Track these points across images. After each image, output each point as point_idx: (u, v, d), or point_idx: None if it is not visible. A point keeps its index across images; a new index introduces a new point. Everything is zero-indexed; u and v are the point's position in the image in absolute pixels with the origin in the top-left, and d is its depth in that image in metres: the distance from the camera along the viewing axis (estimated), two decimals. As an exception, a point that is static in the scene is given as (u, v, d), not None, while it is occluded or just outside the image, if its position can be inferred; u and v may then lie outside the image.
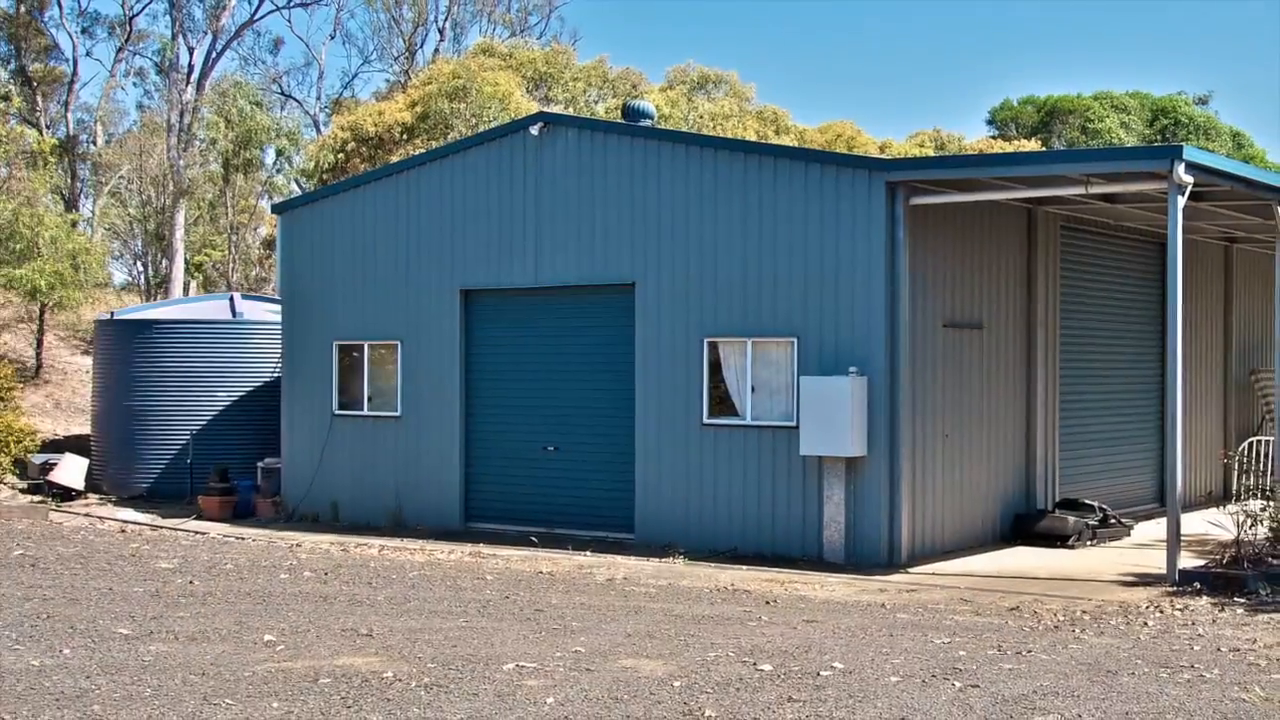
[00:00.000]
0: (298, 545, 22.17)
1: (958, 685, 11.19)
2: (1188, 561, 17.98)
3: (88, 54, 59.19)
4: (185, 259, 53.21)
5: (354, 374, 25.41)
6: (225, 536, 23.56)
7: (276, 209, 28.06)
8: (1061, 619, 15.14)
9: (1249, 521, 17.94)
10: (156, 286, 54.27)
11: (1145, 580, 17.86)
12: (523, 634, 13.63)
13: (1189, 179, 17.50)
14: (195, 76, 54.98)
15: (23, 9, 55.40)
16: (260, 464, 27.37)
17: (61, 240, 36.01)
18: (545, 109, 41.98)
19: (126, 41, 58.17)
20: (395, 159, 38.84)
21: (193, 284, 54.57)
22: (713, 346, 21.23)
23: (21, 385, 34.73)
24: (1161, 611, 15.56)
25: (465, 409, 24.02)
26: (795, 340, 20.32)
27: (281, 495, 26.31)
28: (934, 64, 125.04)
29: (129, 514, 26.95)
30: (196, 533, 24.19)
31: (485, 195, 23.60)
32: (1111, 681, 11.39)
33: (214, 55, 56.29)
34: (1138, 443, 25.58)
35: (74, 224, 42.25)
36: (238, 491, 26.72)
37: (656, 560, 20.14)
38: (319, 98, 64.14)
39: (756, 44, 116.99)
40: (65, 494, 29.24)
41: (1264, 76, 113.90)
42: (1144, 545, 21.04)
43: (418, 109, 44.26)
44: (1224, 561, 17.61)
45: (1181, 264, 17.73)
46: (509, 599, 16.15)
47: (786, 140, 48.33)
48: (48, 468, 29.61)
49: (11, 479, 30.04)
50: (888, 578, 18.52)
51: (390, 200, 24.93)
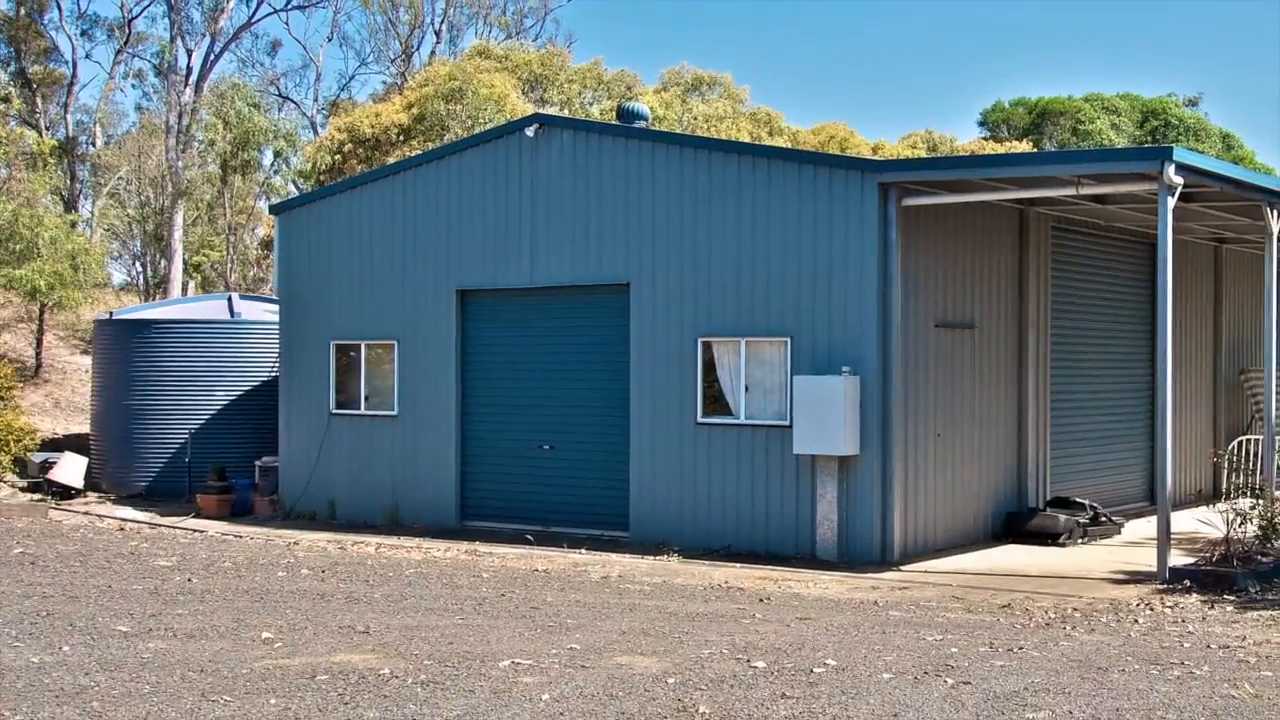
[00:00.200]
0: (295, 543, 22.15)
1: (950, 682, 11.19)
2: (1178, 559, 17.98)
3: (87, 56, 59.61)
4: (183, 259, 53.13)
5: (351, 373, 25.39)
6: (223, 534, 23.55)
7: (274, 210, 28.04)
8: (1053, 616, 15.14)
9: (1238, 520, 17.93)
10: (155, 287, 54.22)
11: (1136, 578, 17.87)
12: (518, 631, 13.63)
13: (1179, 180, 17.50)
14: (194, 78, 54.88)
15: (22, 11, 55.35)
16: (258, 463, 27.36)
17: (61, 241, 35.96)
18: (541, 111, 41.94)
19: (125, 44, 58.08)
20: (392, 160, 38.80)
21: (191, 284, 54.49)
22: (707, 346, 21.22)
23: (21, 384, 34.69)
24: (1152, 609, 15.57)
25: (461, 408, 24.02)
26: (789, 340, 20.31)
27: (279, 494, 26.28)
28: (926, 66, 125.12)
29: (128, 512, 26.92)
30: (195, 531, 24.17)
31: (481, 196, 23.59)
32: (1102, 678, 11.39)
33: (212, 57, 56.23)
34: (1128, 441, 25.59)
35: (73, 225, 42.18)
36: (235, 490, 26.72)
37: (651, 558, 20.14)
38: (316, 99, 64.14)
39: (750, 46, 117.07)
40: (65, 492, 29.22)
41: (1254, 78, 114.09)
42: (1134, 543, 21.05)
43: (414, 111, 44.24)
44: (1214, 559, 17.60)
45: (1171, 264, 17.73)
46: (505, 596, 16.15)
47: (780, 142, 48.31)
48: (47, 466, 29.59)
49: (11, 477, 30.02)
50: (880, 575, 18.52)
51: (387, 201, 24.91)
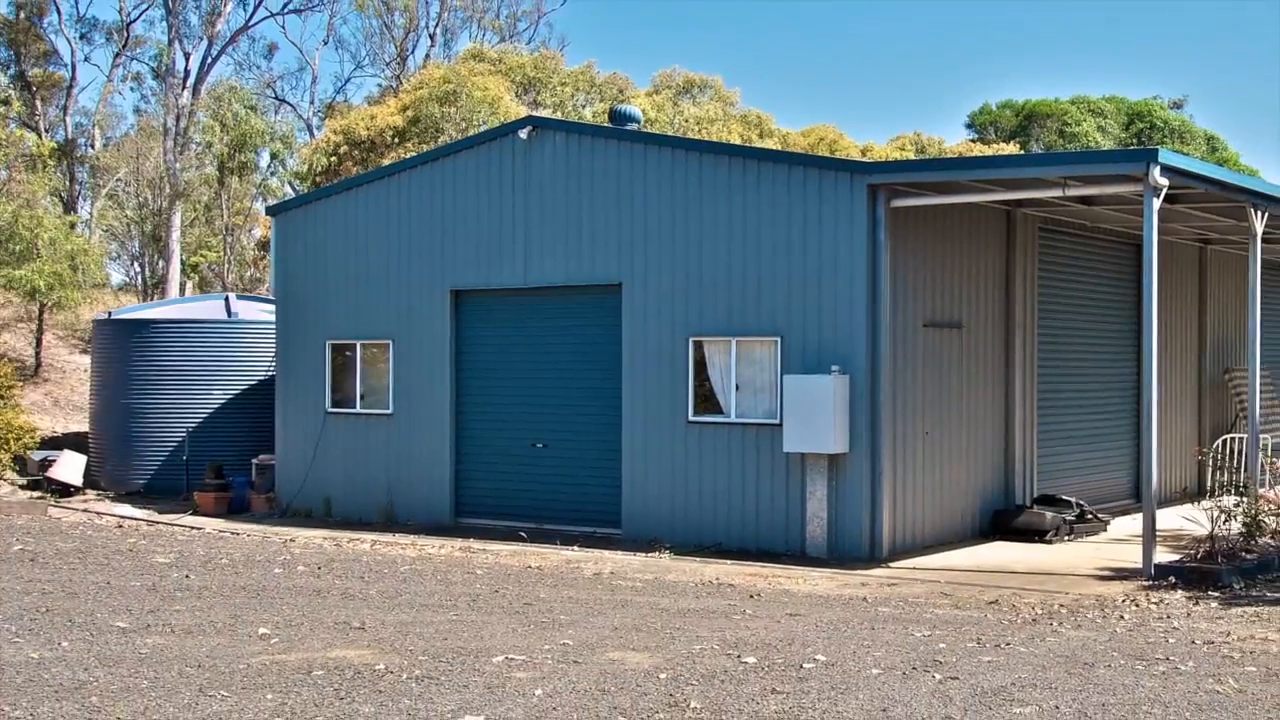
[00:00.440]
0: (291, 540, 22.13)
1: (938, 677, 11.19)
2: (1163, 556, 17.99)
3: (86, 59, 59.43)
4: (181, 260, 53.07)
5: (346, 373, 25.36)
6: (220, 531, 23.52)
7: (271, 211, 28.01)
8: (1039, 612, 15.14)
9: (1223, 517, 17.94)
10: (153, 287, 54.18)
11: (1121, 574, 17.87)
12: (512, 627, 13.61)
13: (1164, 182, 17.51)
14: (191, 81, 54.84)
15: (22, 15, 55.34)
16: (255, 460, 27.34)
17: (60, 241, 35.93)
18: (534, 113, 41.91)
19: (124, 47, 58.05)
20: (387, 162, 38.75)
21: (188, 284, 54.43)
22: (698, 346, 21.21)
23: (21, 383, 34.64)
24: (1137, 605, 15.58)
25: (455, 407, 24.00)
26: (779, 340, 20.31)
27: (275, 491, 26.25)
28: (915, 69, 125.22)
29: (126, 509, 26.90)
30: (192, 528, 24.15)
31: (475, 197, 23.57)
32: (1088, 673, 11.39)
33: (209, 61, 56.18)
34: (1114, 440, 25.60)
35: (72, 226, 42.11)
36: (233, 487, 26.70)
37: (643, 555, 20.13)
38: (312, 102, 64.09)
39: (741, 49, 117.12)
40: (64, 490, 29.18)
41: (1238, 81, 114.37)
42: (1120, 540, 21.05)
43: (409, 113, 44.21)
44: (1198, 556, 17.62)
45: (1157, 265, 17.75)
46: (498, 593, 16.14)
47: (770, 144, 48.29)
48: (47, 464, 29.57)
49: (11, 475, 29.99)
50: (869, 572, 18.51)
51: (382, 202, 24.89)
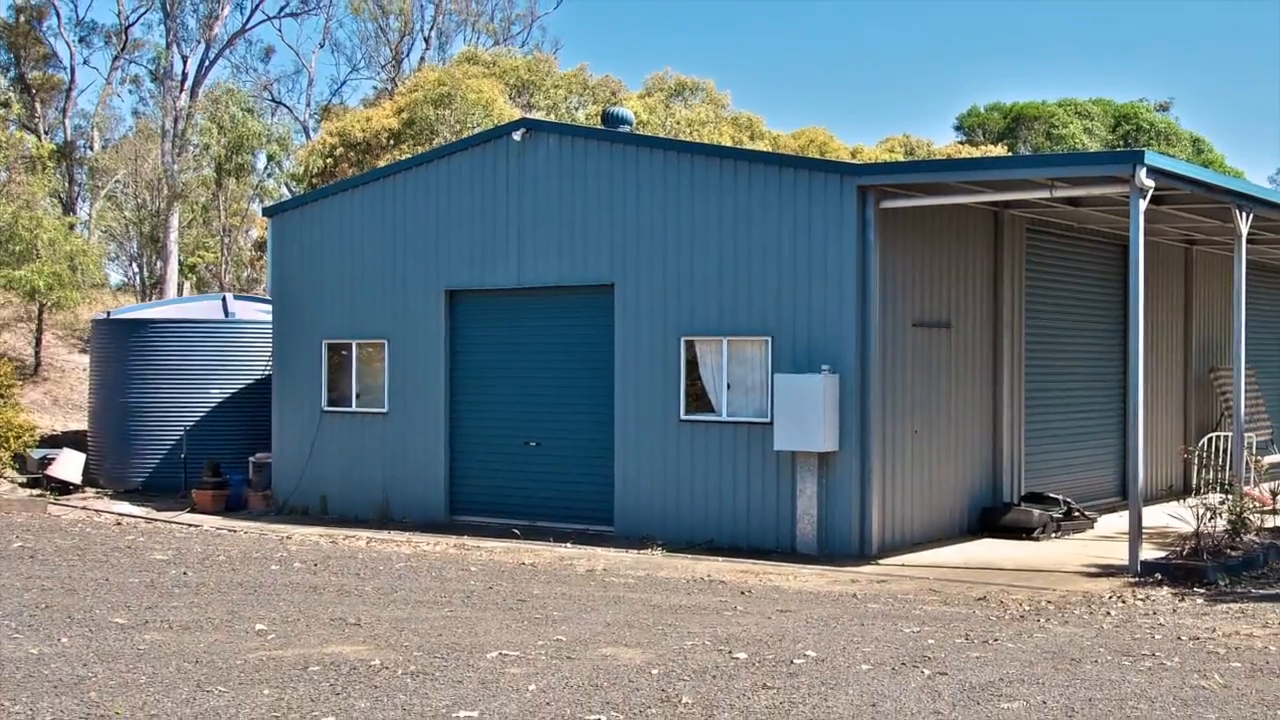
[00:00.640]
0: (288, 537, 22.10)
1: (927, 673, 11.18)
2: (1149, 553, 18.00)
3: (85, 62, 59.20)
4: (179, 260, 53.02)
5: (342, 372, 25.33)
6: (218, 529, 23.49)
7: (267, 212, 27.97)
8: (1027, 609, 15.14)
9: (1208, 514, 17.94)
10: (151, 287, 54.13)
11: (1108, 571, 17.87)
12: (506, 623, 13.60)
13: (1150, 183, 17.52)
14: (189, 84, 54.80)
15: (22, 19, 55.27)
16: (252, 459, 27.29)
17: (59, 242, 35.90)
18: (527, 115, 41.87)
19: (122, 50, 58.00)
20: (382, 164, 38.69)
21: (186, 285, 54.37)
22: (690, 345, 21.20)
23: (21, 382, 34.60)
24: (1124, 601, 15.58)
25: (450, 405, 23.97)
26: (769, 339, 20.30)
27: (272, 489, 26.22)
28: (904, 72, 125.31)
29: (125, 507, 26.86)
30: (190, 525, 24.11)
31: (469, 199, 23.55)
32: (1075, 669, 11.39)
33: (207, 63, 56.13)
34: (1101, 438, 25.61)
35: (71, 226, 42.08)
36: (230, 485, 26.66)
37: (635, 552, 20.11)
38: (309, 104, 64.08)
39: (732, 52, 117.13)
40: (63, 488, 29.15)
41: (1224, 84, 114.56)
42: (1107, 537, 21.06)
43: (404, 115, 44.18)
44: (1184, 553, 17.61)
45: (1143, 265, 17.76)
46: (492, 589, 16.12)
47: (761, 146, 48.28)
48: (46, 462, 29.54)
49: (11, 473, 29.95)
50: (859, 569, 18.50)
51: (377, 204, 24.86)
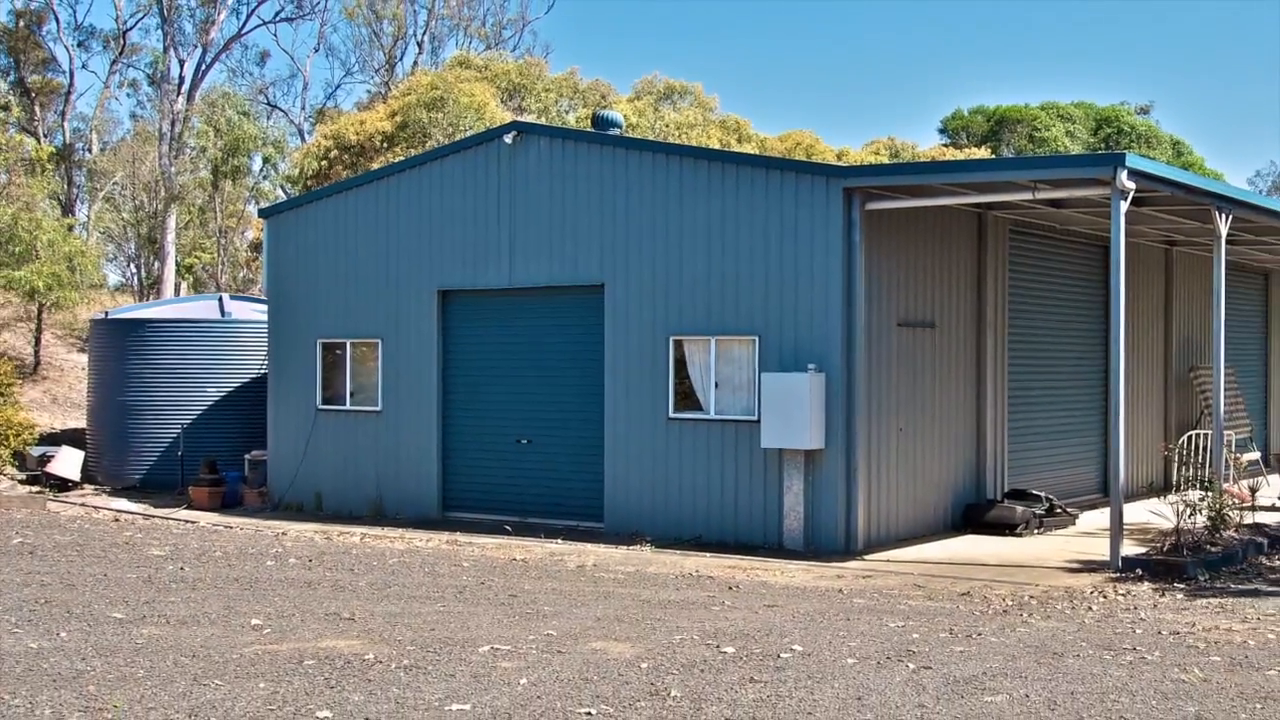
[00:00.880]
0: (283, 534, 22.06)
1: (911, 667, 11.18)
2: (1130, 549, 18.00)
3: (83, 66, 59.01)
4: (176, 261, 52.94)
5: (337, 371, 25.30)
6: (214, 525, 23.45)
7: (263, 214, 27.92)
8: (1010, 604, 15.14)
9: (1188, 511, 17.95)
10: (149, 287, 54.04)
11: (1090, 567, 17.89)
12: (497, 618, 13.58)
13: (1131, 185, 17.53)
14: (186, 87, 54.71)
15: (22, 24, 55.17)
16: (247, 456, 27.23)
17: (58, 243, 35.85)
18: (519, 119, 41.86)
19: (120, 54, 57.88)
20: (376, 166, 38.66)
21: (183, 285, 54.30)
22: (678, 344, 21.19)
23: (20, 381, 34.53)
24: (1105, 596, 15.59)
25: (443, 404, 23.95)
26: (757, 339, 20.29)
27: (268, 486, 26.18)
28: (889, 75, 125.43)
29: (123, 504, 26.81)
30: (187, 522, 24.07)
31: (462, 200, 23.52)
32: (1057, 663, 11.39)
33: (203, 67, 56.06)
34: (1083, 436, 25.64)
35: (70, 228, 42.02)
36: (226, 482, 26.61)
37: (625, 548, 20.10)
38: (303, 108, 64.01)
39: (720, 57, 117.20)
40: (62, 485, 29.09)
41: (1203, 88, 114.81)
42: (1088, 533, 21.07)
43: (397, 118, 44.13)
44: (1164, 549, 17.63)
45: (1124, 266, 17.77)
46: (484, 585, 16.10)
47: (748, 148, 48.29)
48: (45, 459, 29.47)
49: (11, 470, 29.89)
50: (844, 564, 18.50)
51: (371, 205, 24.83)
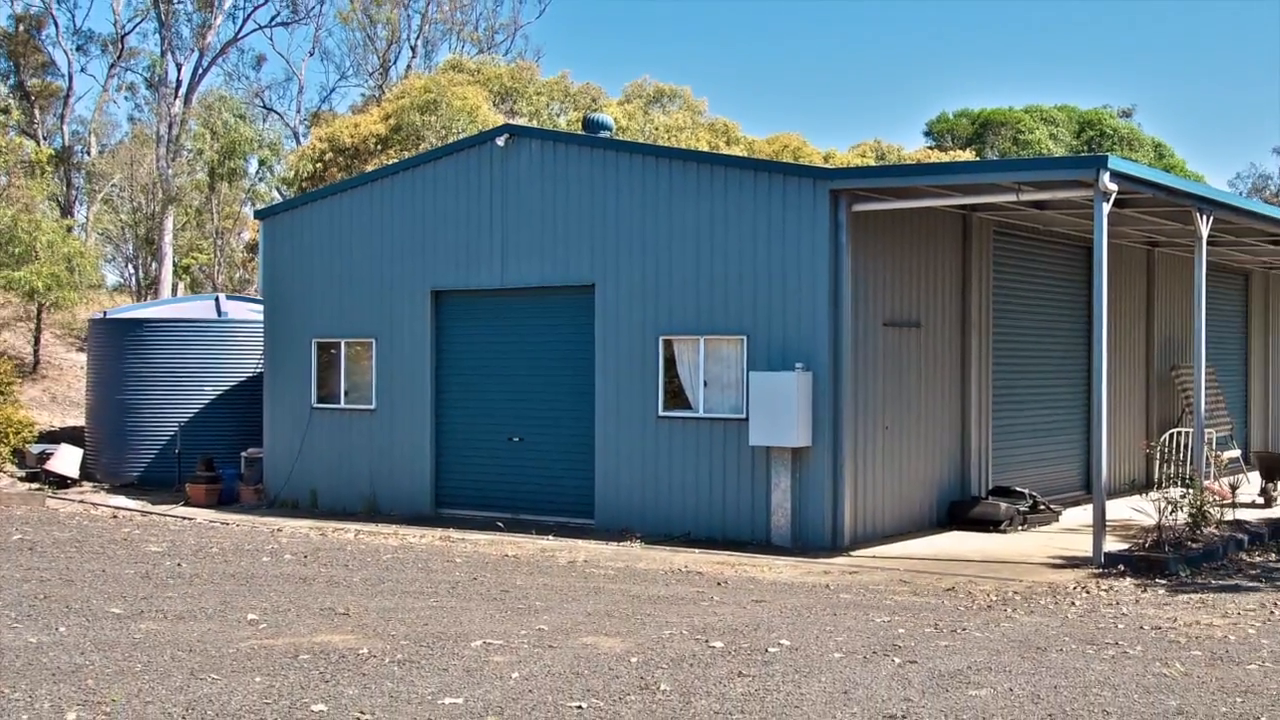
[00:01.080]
0: (279, 530, 22.04)
1: (897, 661, 11.19)
2: (1112, 545, 18.03)
3: (82, 70, 58.87)
4: (173, 262, 52.89)
5: (331, 370, 25.27)
6: (211, 522, 23.42)
7: (259, 215, 27.89)
8: (994, 599, 15.16)
9: (1170, 508, 18.00)
10: (146, 288, 53.95)
11: (1073, 563, 17.90)
12: (489, 613, 13.58)
13: (1114, 187, 17.54)
14: (183, 91, 54.68)
15: (21, 28, 55.13)
16: (244, 454, 27.21)
17: (58, 244, 35.79)
18: (511, 121, 41.85)
19: (118, 58, 57.84)
20: (370, 168, 38.66)
21: (180, 285, 54.21)
22: (668, 344, 21.18)
23: (20, 380, 34.46)
24: (1088, 592, 15.61)
25: (436, 402, 23.92)
26: (745, 338, 20.29)
27: (263, 483, 26.14)
28: (875, 79, 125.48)
29: (121, 501, 26.76)
30: (184, 518, 24.03)
31: (454, 202, 23.50)
32: (1041, 657, 11.41)
33: (200, 71, 56.05)
34: (1066, 434, 25.66)
35: (69, 229, 41.96)
36: (222, 480, 26.57)
37: (615, 544, 20.09)
38: (299, 111, 63.92)
39: (709, 60, 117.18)
40: (61, 482, 29.03)
41: (1185, 91, 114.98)
42: (1071, 530, 21.09)
43: (391, 121, 44.11)
44: (1146, 545, 17.66)
45: (1107, 266, 17.77)
46: (477, 580, 16.10)
47: (737, 151, 48.32)
48: (44, 457, 29.42)
49: (10, 468, 29.82)
50: (831, 560, 18.50)
51: (366, 207, 24.80)
